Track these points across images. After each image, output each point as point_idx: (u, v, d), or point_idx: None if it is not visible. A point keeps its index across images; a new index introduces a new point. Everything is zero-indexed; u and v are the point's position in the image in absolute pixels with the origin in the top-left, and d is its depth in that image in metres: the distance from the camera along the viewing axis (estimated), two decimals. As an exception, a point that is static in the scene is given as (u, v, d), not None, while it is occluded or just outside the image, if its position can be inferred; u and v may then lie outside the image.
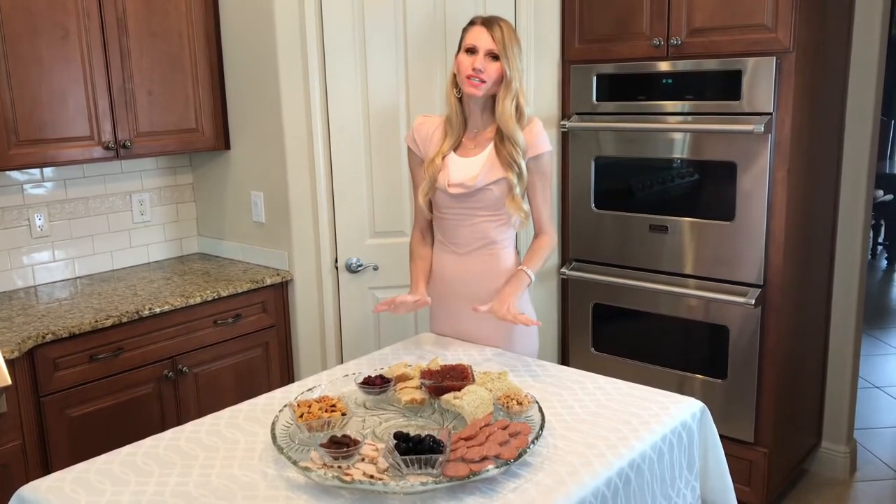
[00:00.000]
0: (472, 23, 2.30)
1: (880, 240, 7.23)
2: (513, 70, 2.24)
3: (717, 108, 2.77)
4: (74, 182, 3.15)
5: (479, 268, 2.36)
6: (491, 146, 2.29)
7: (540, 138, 2.30)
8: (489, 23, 2.26)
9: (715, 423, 1.97)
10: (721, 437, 1.99)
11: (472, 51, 2.24)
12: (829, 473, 3.37)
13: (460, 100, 2.32)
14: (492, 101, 2.29)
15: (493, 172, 2.27)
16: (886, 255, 7.21)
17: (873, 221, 6.61)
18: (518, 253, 2.46)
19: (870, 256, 6.92)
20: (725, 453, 1.99)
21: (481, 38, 2.24)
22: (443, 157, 2.32)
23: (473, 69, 2.22)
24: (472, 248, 2.36)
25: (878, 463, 3.51)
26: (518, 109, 2.26)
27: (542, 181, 2.34)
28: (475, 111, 2.32)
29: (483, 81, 2.23)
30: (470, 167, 2.30)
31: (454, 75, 2.31)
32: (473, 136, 2.34)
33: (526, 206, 2.31)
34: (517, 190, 2.27)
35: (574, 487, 1.54)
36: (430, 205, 2.40)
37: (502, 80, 2.24)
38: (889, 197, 6.82)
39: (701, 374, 2.97)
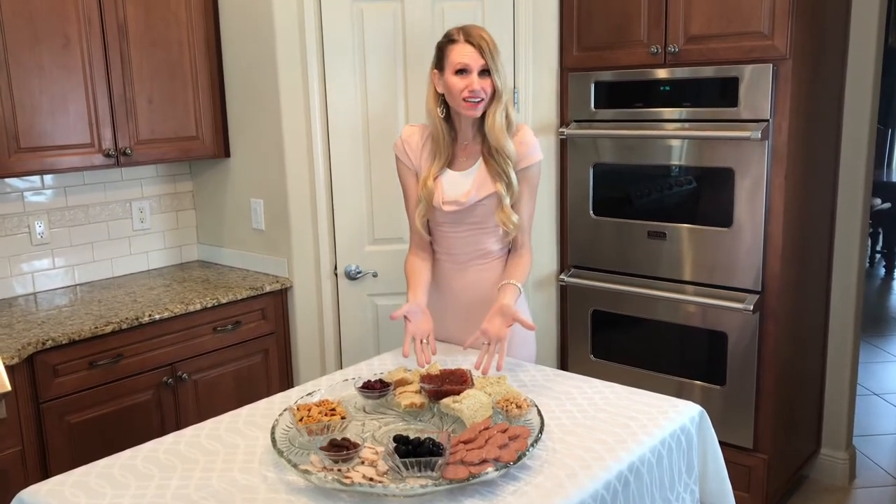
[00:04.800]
0: (451, 39, 2.20)
1: (878, 248, 7.25)
2: (502, 82, 2.18)
3: (714, 115, 2.79)
4: (74, 189, 3.16)
5: (477, 276, 2.36)
6: (482, 159, 2.26)
7: (531, 148, 2.25)
8: (472, 37, 2.16)
9: (714, 429, 1.97)
10: (720, 443, 1.99)
11: (464, 71, 2.16)
12: (829, 480, 3.37)
13: (445, 117, 2.26)
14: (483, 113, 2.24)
15: (485, 188, 2.24)
16: (884, 263, 7.22)
17: (871, 230, 6.63)
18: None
19: (868, 264, 6.94)
20: (724, 459, 1.99)
21: (470, 56, 2.15)
22: (434, 179, 2.27)
23: (471, 91, 2.15)
24: (469, 258, 2.35)
25: (877, 469, 3.52)
26: (507, 118, 2.21)
27: (529, 191, 2.29)
28: (465, 126, 2.26)
29: (482, 100, 2.18)
30: (462, 183, 2.26)
31: (437, 94, 2.24)
32: (465, 148, 2.30)
33: (515, 218, 2.26)
34: (507, 201, 2.22)
35: (573, 490, 1.54)
36: (427, 225, 2.37)
37: (494, 93, 2.19)
38: (887, 205, 6.83)
39: (700, 380, 2.98)
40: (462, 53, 2.16)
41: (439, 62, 2.23)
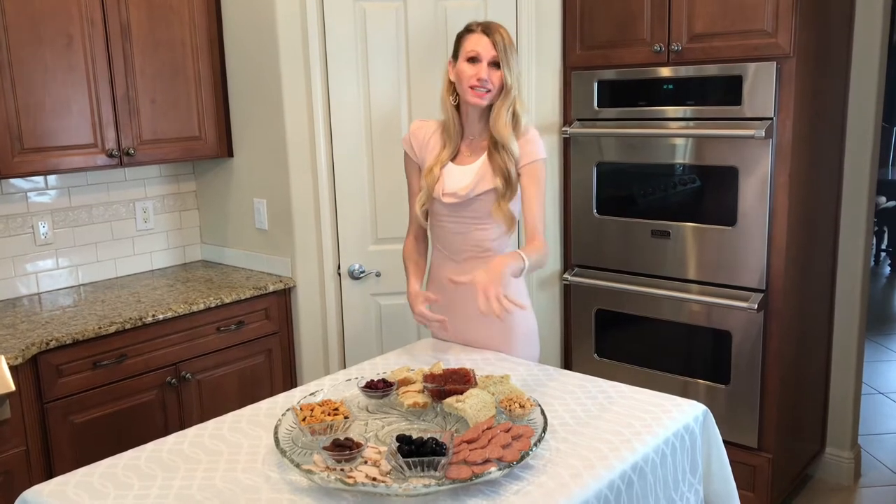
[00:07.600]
0: (469, 30, 2.26)
1: (883, 246, 7.22)
2: (513, 78, 2.22)
3: (718, 114, 2.78)
4: (78, 190, 3.16)
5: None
6: (486, 154, 2.27)
7: (534, 147, 2.26)
8: (489, 30, 2.22)
9: (718, 428, 1.97)
10: (724, 442, 1.98)
11: (474, 59, 2.21)
12: (834, 479, 3.36)
13: (457, 107, 2.30)
14: (490, 108, 2.27)
15: (485, 182, 2.25)
16: (889, 261, 7.20)
17: (876, 228, 6.61)
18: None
19: (873, 263, 6.92)
20: (729, 459, 1.99)
21: (483, 46, 2.20)
22: (441, 167, 2.30)
23: (479, 79, 2.20)
24: (468, 255, 2.35)
25: (882, 469, 3.50)
26: (514, 117, 2.23)
27: (535, 188, 2.28)
28: (473, 119, 2.30)
29: (488, 91, 2.21)
30: (463, 176, 2.28)
31: (451, 83, 2.28)
32: (470, 143, 2.32)
33: (512, 214, 2.28)
34: (505, 198, 2.25)
35: (577, 490, 1.54)
36: (426, 214, 2.40)
37: (502, 88, 2.23)
38: (892, 203, 6.81)
39: (704, 379, 2.97)
40: (476, 42, 2.22)
41: (455, 52, 2.29)
